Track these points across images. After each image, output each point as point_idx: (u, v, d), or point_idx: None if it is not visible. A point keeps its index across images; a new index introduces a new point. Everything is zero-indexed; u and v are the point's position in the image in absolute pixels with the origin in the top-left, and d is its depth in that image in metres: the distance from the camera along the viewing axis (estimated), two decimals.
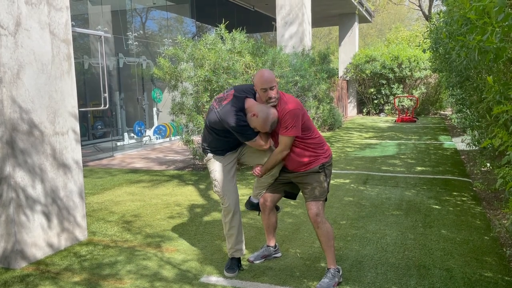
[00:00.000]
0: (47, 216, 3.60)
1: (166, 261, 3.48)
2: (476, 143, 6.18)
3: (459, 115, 7.96)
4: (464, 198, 5.11)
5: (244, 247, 3.31)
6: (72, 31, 3.88)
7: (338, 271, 3.04)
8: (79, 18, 11.06)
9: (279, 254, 3.53)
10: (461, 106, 6.98)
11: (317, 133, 3.15)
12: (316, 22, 19.44)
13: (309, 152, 3.07)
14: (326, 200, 3.11)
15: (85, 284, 3.09)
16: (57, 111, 3.68)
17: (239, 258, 3.28)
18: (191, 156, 7.87)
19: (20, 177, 3.34)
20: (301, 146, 3.06)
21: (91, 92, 11.07)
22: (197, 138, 7.36)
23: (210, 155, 3.20)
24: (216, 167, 3.17)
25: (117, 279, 3.17)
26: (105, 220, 4.56)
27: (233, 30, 7.02)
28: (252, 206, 3.44)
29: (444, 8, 6.59)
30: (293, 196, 3.39)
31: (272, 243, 3.48)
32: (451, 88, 7.20)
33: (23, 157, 3.36)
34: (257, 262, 3.41)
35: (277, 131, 3.08)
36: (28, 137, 3.41)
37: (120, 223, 4.44)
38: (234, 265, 3.23)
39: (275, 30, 11.45)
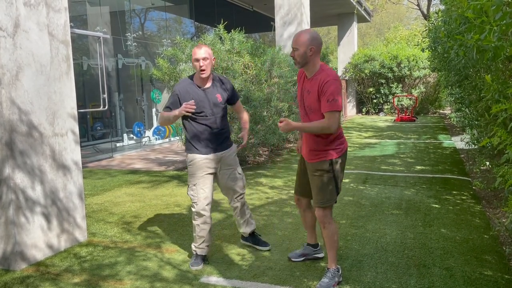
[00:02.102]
0: (47, 217, 3.60)
1: (166, 261, 3.48)
2: (475, 141, 6.18)
3: (458, 114, 7.97)
4: (463, 197, 5.12)
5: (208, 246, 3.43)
6: (71, 32, 3.88)
7: (338, 271, 3.03)
8: (77, 19, 11.06)
9: (320, 255, 3.40)
10: (460, 105, 6.98)
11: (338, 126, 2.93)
12: (315, 22, 19.45)
13: (322, 140, 2.89)
14: (335, 202, 3.01)
15: (85, 285, 3.09)
16: (56, 112, 3.68)
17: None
18: None
19: (20, 178, 3.34)
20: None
21: (90, 93, 11.07)
22: None
23: (190, 158, 3.32)
24: (193, 172, 3.30)
25: (117, 280, 3.17)
26: (105, 221, 4.56)
27: (232, 31, 7.02)
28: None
29: (442, 7, 6.60)
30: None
31: (311, 241, 3.38)
32: (450, 87, 7.21)
33: (22, 159, 3.36)
34: (296, 260, 3.35)
35: (309, 105, 2.88)
36: (27, 138, 3.41)
37: (120, 224, 4.44)
38: (198, 259, 3.36)
39: (274, 30, 11.45)
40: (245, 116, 3.53)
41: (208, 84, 3.28)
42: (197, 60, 3.15)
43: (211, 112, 3.25)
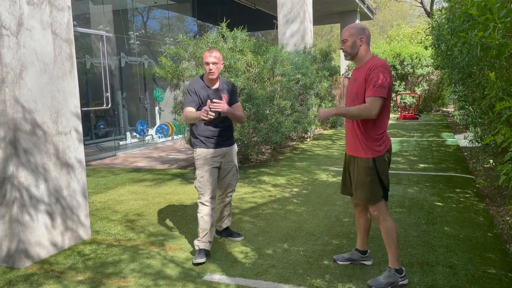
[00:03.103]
0: (51, 215, 3.61)
1: (169, 259, 3.49)
2: (479, 139, 6.17)
3: (461, 112, 7.94)
4: (467, 195, 5.11)
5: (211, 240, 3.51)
6: (74, 31, 3.89)
7: (400, 273, 2.89)
8: (80, 18, 11.07)
9: (368, 262, 3.25)
10: (464, 103, 6.96)
11: (386, 118, 2.85)
12: (318, 19, 19.41)
13: (365, 134, 2.84)
14: (386, 198, 2.91)
15: (89, 283, 3.11)
16: (60, 110, 3.69)
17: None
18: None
19: (24, 176, 3.35)
20: (360, 122, 2.81)
21: (94, 92, 11.09)
22: None
23: (197, 152, 3.49)
24: (201, 166, 3.47)
25: (121, 277, 3.19)
26: (109, 219, 4.57)
27: (235, 29, 7.01)
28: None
29: (446, 5, 6.57)
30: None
31: (360, 247, 3.24)
32: (453, 85, 7.18)
33: (26, 157, 3.38)
34: (341, 263, 3.27)
35: (356, 92, 2.83)
36: (31, 137, 3.42)
37: (124, 222, 4.46)
38: (202, 253, 3.41)
39: (277, 28, 11.43)
40: (241, 113, 3.61)
41: (217, 85, 3.54)
42: (207, 63, 3.41)
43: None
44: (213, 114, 3.19)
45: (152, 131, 10.91)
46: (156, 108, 11.38)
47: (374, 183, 2.88)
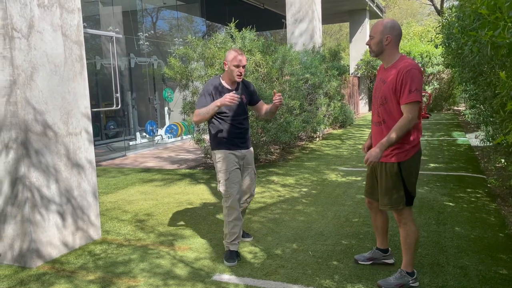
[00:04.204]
0: (62, 215, 3.65)
1: (178, 259, 3.50)
2: (490, 139, 6.10)
3: (472, 110, 7.86)
4: (478, 195, 5.05)
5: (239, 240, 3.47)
6: (84, 33, 3.93)
7: (411, 275, 2.86)
8: (90, 19, 11.17)
9: (390, 260, 3.23)
10: (475, 101, 6.88)
11: (419, 122, 2.76)
12: (326, 19, 19.34)
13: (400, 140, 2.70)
14: (411, 204, 2.82)
15: (99, 283, 3.13)
16: (70, 111, 3.73)
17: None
18: (203, 155, 7.91)
19: (35, 177, 3.40)
20: (390, 121, 2.70)
21: (103, 93, 11.18)
22: (208, 137, 7.38)
23: (218, 154, 3.40)
24: (223, 167, 3.37)
25: (130, 277, 3.21)
26: (119, 219, 4.61)
27: (243, 29, 7.02)
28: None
29: (456, 3, 6.51)
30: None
31: (381, 245, 3.22)
32: (464, 84, 7.11)
33: (37, 158, 3.42)
34: (363, 263, 3.24)
35: (384, 95, 2.73)
36: (42, 137, 3.46)
37: (133, 222, 4.49)
38: (233, 255, 3.38)
39: (285, 27, 11.41)
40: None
41: (235, 86, 3.46)
42: (238, 66, 3.31)
43: (238, 112, 3.41)
44: (237, 101, 3.16)
45: (161, 131, 10.97)
46: (166, 109, 11.44)
47: (399, 189, 2.77)
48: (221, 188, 3.38)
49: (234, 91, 3.40)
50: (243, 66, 3.32)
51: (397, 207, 2.80)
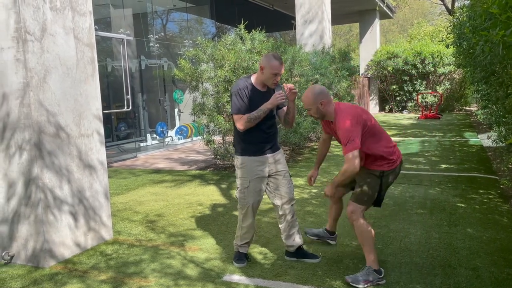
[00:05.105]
0: (74, 216, 3.69)
1: (189, 260, 3.52)
2: (503, 139, 6.03)
3: (484, 111, 7.78)
4: (490, 196, 5.00)
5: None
6: (95, 35, 3.97)
7: (377, 273, 2.97)
8: (101, 22, 11.28)
9: (333, 242, 3.68)
10: (487, 101, 6.81)
11: (386, 142, 3.04)
12: (336, 19, 19.28)
13: (372, 158, 3.05)
14: (379, 205, 3.16)
15: (111, 282, 3.17)
16: (82, 113, 3.77)
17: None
18: (212, 156, 7.93)
19: (48, 178, 3.44)
20: (366, 152, 3.02)
21: (114, 94, 11.28)
22: (218, 138, 7.41)
23: (242, 160, 3.24)
24: (244, 175, 3.24)
25: (142, 277, 3.24)
26: (130, 220, 4.65)
27: (253, 30, 7.04)
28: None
29: (467, 3, 6.45)
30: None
31: (330, 228, 3.65)
32: (476, 84, 7.04)
33: (50, 159, 3.46)
34: (310, 236, 3.64)
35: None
36: (55, 139, 3.51)
37: (144, 223, 4.52)
38: (242, 256, 3.39)
39: (295, 28, 11.41)
40: None
41: (266, 88, 3.30)
42: (276, 74, 3.16)
43: (268, 115, 3.25)
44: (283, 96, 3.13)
45: (171, 133, 11.03)
46: (176, 110, 11.50)
47: (374, 188, 3.06)
48: (239, 195, 3.28)
49: (265, 92, 3.27)
50: (281, 74, 3.20)
51: (362, 202, 3.05)
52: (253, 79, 3.26)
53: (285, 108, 3.38)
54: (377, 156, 3.02)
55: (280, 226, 3.40)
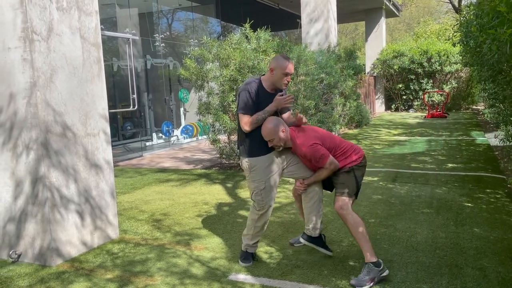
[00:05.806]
0: (81, 215, 3.71)
1: (195, 258, 3.53)
2: (510, 138, 5.98)
3: (492, 109, 7.72)
4: (498, 196, 4.96)
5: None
6: (101, 35, 3.99)
7: (377, 266, 2.97)
8: (107, 21, 11.32)
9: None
10: (494, 100, 6.76)
11: (342, 147, 3.25)
12: (342, 18, 19.22)
13: (340, 162, 3.25)
14: (356, 197, 3.26)
15: (117, 281, 3.18)
16: (88, 113, 3.79)
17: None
18: (218, 155, 7.94)
19: (55, 177, 3.46)
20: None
21: (120, 94, 11.32)
22: (224, 137, 7.42)
23: (253, 163, 3.21)
24: (258, 177, 3.22)
25: (148, 276, 3.25)
26: (136, 219, 4.67)
27: (258, 29, 7.03)
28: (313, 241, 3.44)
29: (474, 1, 6.41)
30: (330, 188, 3.40)
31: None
32: (483, 83, 6.99)
33: (57, 158, 3.49)
34: (295, 245, 3.53)
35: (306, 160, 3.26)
36: (62, 138, 3.53)
37: (150, 222, 4.54)
38: (249, 256, 3.39)
39: (300, 27, 11.38)
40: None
41: (274, 91, 3.31)
42: (287, 75, 3.20)
43: (274, 115, 3.26)
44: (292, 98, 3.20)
45: (177, 132, 11.06)
46: (181, 109, 11.52)
47: (352, 180, 3.23)
48: (256, 197, 3.23)
49: (272, 94, 3.28)
50: (291, 75, 3.22)
51: (347, 194, 3.18)
52: (262, 80, 3.28)
53: (289, 113, 3.40)
54: (341, 158, 3.25)
55: (307, 205, 3.37)
